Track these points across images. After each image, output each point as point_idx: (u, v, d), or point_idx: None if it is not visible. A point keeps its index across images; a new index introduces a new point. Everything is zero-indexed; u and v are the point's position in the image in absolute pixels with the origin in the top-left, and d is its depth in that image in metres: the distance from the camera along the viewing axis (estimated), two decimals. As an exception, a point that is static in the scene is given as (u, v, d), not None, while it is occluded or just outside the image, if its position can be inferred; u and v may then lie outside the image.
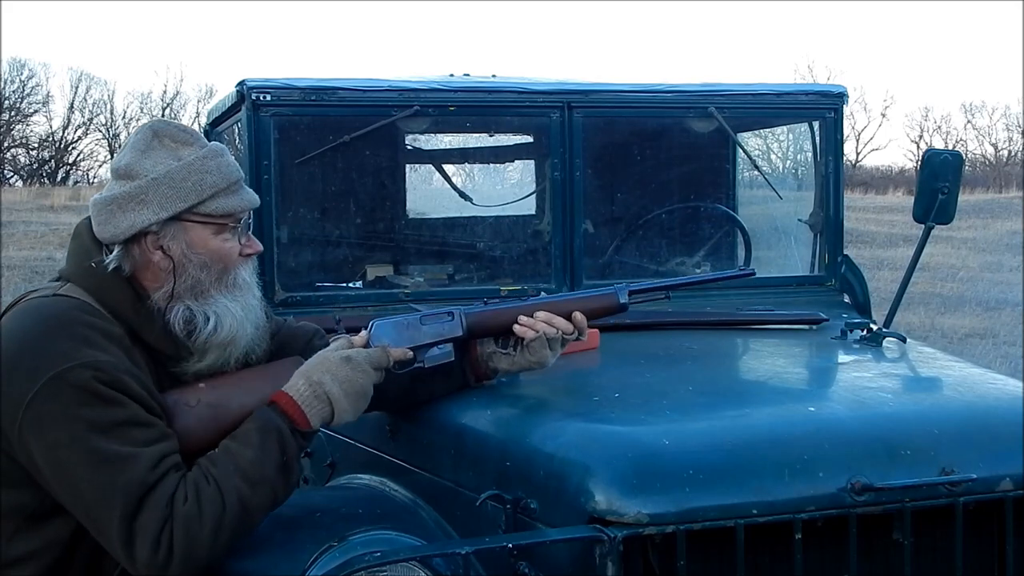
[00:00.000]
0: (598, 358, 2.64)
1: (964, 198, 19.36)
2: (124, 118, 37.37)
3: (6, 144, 36.05)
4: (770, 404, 2.20)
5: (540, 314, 2.21)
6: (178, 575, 1.83)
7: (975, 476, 1.93)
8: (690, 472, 1.83)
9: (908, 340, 2.74)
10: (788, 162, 3.96)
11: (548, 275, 3.22)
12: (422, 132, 3.58)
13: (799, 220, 3.57)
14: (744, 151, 3.64)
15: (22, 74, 36.23)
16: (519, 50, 69.19)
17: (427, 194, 3.98)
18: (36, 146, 37.31)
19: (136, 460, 1.84)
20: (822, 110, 3.46)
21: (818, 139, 3.49)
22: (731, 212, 3.74)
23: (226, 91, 3.42)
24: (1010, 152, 45.27)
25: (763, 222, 3.74)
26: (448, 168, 4.00)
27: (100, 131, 38.02)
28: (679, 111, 3.38)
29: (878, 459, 1.91)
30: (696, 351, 2.72)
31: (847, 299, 3.46)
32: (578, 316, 2.23)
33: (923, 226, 3.28)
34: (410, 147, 3.79)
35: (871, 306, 3.45)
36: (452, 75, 3.53)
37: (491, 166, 4.23)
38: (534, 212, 3.67)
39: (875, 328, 2.74)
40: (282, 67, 53.84)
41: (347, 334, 2.19)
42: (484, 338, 2.25)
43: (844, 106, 3.46)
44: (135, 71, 73.51)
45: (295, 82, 3.05)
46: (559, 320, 2.22)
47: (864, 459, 1.91)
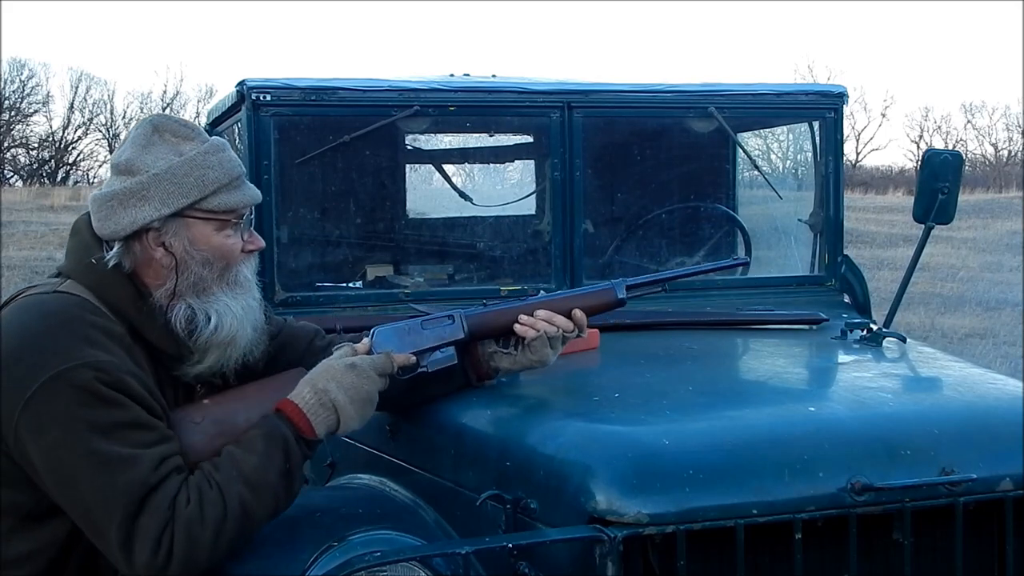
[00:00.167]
0: (598, 358, 2.64)
1: (964, 198, 19.35)
2: (124, 118, 37.33)
3: (6, 144, 36.03)
4: (770, 404, 2.20)
5: (540, 313, 2.21)
6: None
7: (975, 476, 1.93)
8: (690, 472, 1.83)
9: (908, 340, 2.74)
10: (788, 162, 3.96)
11: (548, 275, 3.22)
12: (422, 132, 3.58)
13: (799, 220, 3.57)
14: (744, 151, 3.64)
15: (22, 74, 36.25)
16: (519, 50, 69.22)
17: (427, 194, 3.98)
18: (36, 146, 37.33)
19: (138, 461, 1.82)
20: (822, 110, 3.46)
21: (818, 139, 3.49)
22: (731, 212, 3.74)
23: (226, 91, 3.42)
24: (1010, 152, 45.30)
25: (763, 222, 3.74)
26: (448, 168, 4.00)
27: (100, 131, 38.04)
28: (679, 111, 3.38)
29: (878, 459, 1.91)
30: (696, 351, 2.72)
31: (847, 299, 3.46)
32: (577, 314, 2.23)
33: (923, 226, 3.28)
34: (410, 147, 3.79)
35: (871, 306, 3.45)
36: (452, 75, 3.53)
37: (491, 166, 4.23)
38: (534, 212, 3.67)
39: (875, 328, 2.74)
40: (282, 67, 53.86)
41: (350, 341, 2.19)
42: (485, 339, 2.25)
43: (844, 106, 3.47)
44: (135, 71, 73.57)
45: (295, 82, 3.05)
46: (559, 318, 2.22)
47: (864, 459, 1.91)
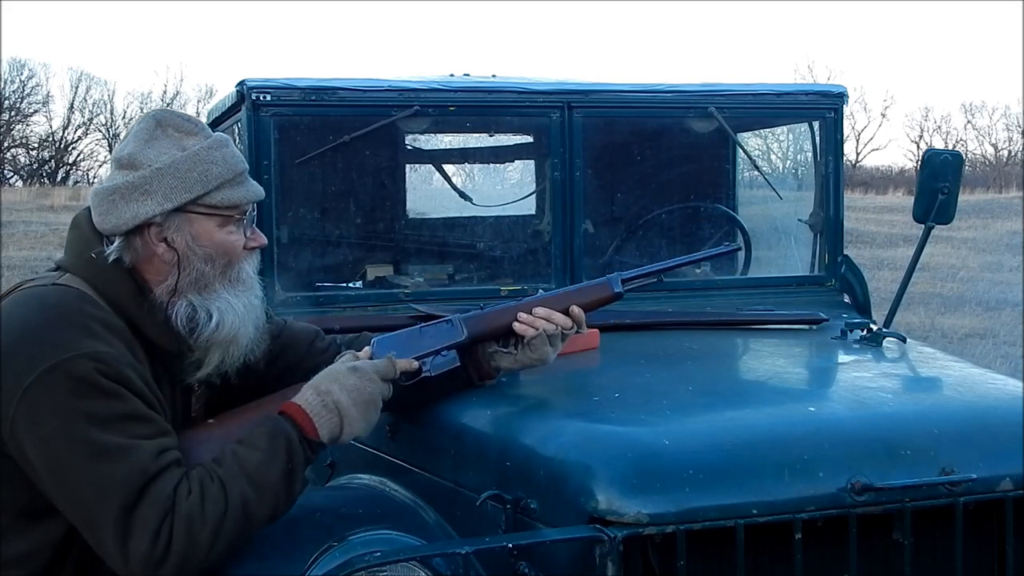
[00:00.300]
0: (598, 358, 2.64)
1: (964, 198, 19.34)
2: (124, 118, 37.30)
3: (6, 144, 36.04)
4: (770, 404, 2.20)
5: (539, 311, 2.21)
6: (170, 574, 1.77)
7: (975, 476, 1.93)
8: (690, 472, 1.83)
9: (908, 340, 2.73)
10: (788, 162, 3.95)
11: (548, 275, 3.22)
12: (422, 132, 3.58)
13: (799, 220, 3.57)
14: (744, 151, 3.64)
15: (22, 74, 36.27)
16: (519, 50, 69.22)
17: (427, 194, 3.98)
18: (36, 146, 37.34)
19: (137, 451, 1.79)
20: (822, 110, 3.46)
21: (818, 139, 3.49)
22: (731, 212, 3.74)
23: (226, 91, 3.42)
24: (1010, 152, 45.30)
25: (763, 222, 3.74)
26: (448, 168, 4.00)
27: (100, 131, 38.05)
28: (679, 111, 3.38)
29: (878, 459, 1.91)
30: (696, 351, 2.72)
31: (847, 299, 3.45)
32: (575, 310, 2.23)
33: (923, 226, 3.28)
34: (410, 147, 3.79)
35: (871, 306, 3.45)
36: (452, 75, 3.53)
37: (491, 166, 4.23)
38: (534, 212, 3.67)
39: (875, 328, 2.74)
40: (282, 67, 53.85)
41: (351, 349, 2.20)
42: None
43: (844, 106, 3.46)
44: (135, 71, 73.64)
45: (295, 82, 3.04)
46: (558, 316, 2.21)
47: (864, 459, 1.90)
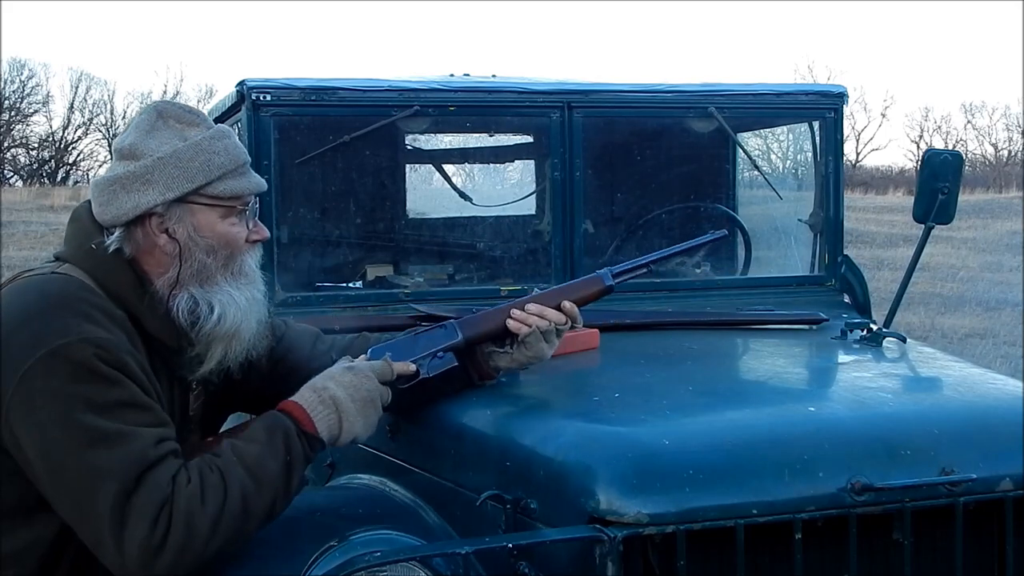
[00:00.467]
0: (598, 358, 2.64)
1: (964, 198, 19.34)
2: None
3: (6, 144, 36.05)
4: (770, 404, 2.20)
5: (531, 307, 2.20)
6: (166, 567, 1.73)
7: (975, 476, 1.93)
8: (690, 472, 1.83)
9: (908, 340, 2.73)
10: (788, 162, 3.95)
11: (548, 275, 3.22)
12: (422, 132, 3.58)
13: (799, 220, 3.56)
14: (744, 151, 3.64)
15: (22, 74, 36.31)
16: (519, 50, 69.21)
17: (427, 194, 3.98)
18: (36, 146, 37.38)
19: (136, 437, 1.75)
20: (822, 110, 3.46)
21: (818, 139, 3.49)
22: (731, 212, 3.74)
23: (226, 91, 3.42)
24: (1010, 152, 45.30)
25: (763, 222, 3.74)
26: (448, 168, 4.00)
27: (100, 131, 38.07)
28: (679, 111, 3.38)
29: (878, 459, 1.91)
30: (696, 351, 2.72)
31: (847, 299, 3.45)
32: (567, 305, 2.22)
33: (923, 226, 3.28)
34: (410, 147, 3.79)
35: (871, 306, 3.45)
36: (452, 75, 3.53)
37: (491, 166, 4.23)
38: (534, 212, 3.67)
39: (875, 328, 2.74)
40: (282, 67, 53.87)
41: (348, 353, 2.20)
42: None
43: (844, 106, 3.46)
44: (135, 71, 73.72)
45: (295, 82, 3.04)
46: (550, 312, 2.21)
47: (864, 459, 1.90)
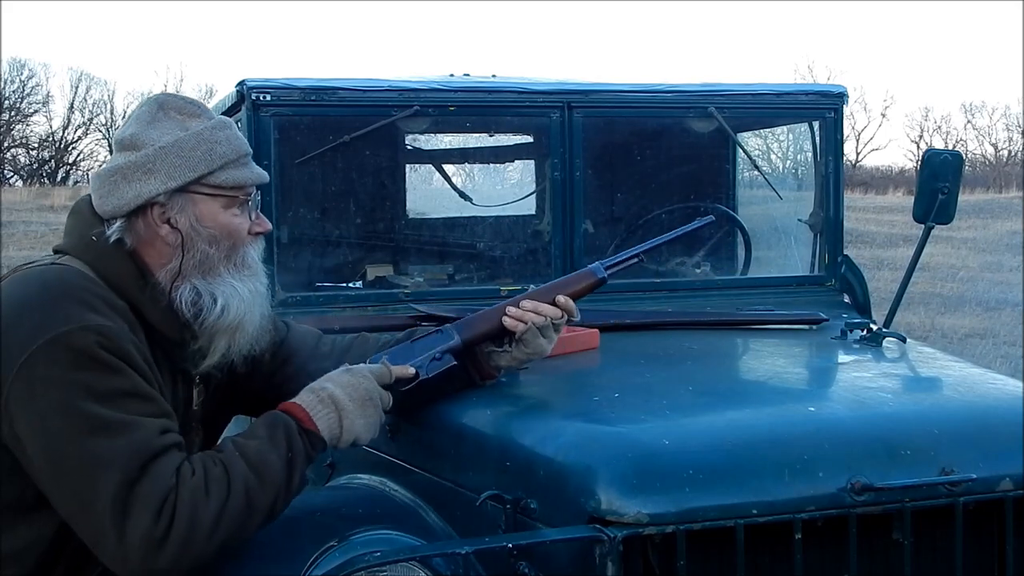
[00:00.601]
0: (598, 358, 2.64)
1: (964, 198, 19.35)
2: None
3: (6, 144, 36.07)
4: (770, 404, 2.19)
5: (526, 304, 2.20)
6: (169, 561, 1.70)
7: (975, 476, 1.93)
8: (690, 472, 1.83)
9: (908, 340, 2.73)
10: (788, 162, 3.96)
11: (548, 275, 3.21)
12: (422, 132, 3.58)
13: (799, 220, 3.57)
14: (744, 151, 3.64)
15: (22, 74, 36.33)
16: (519, 50, 69.22)
17: (427, 194, 3.98)
18: (36, 146, 37.40)
19: (140, 426, 1.73)
20: (822, 110, 3.46)
21: (818, 139, 3.49)
22: (731, 212, 3.74)
23: (226, 91, 3.42)
24: (1010, 152, 45.32)
25: (763, 222, 3.74)
26: (448, 168, 4.00)
27: (100, 131, 38.09)
28: (679, 111, 3.38)
29: (878, 459, 1.91)
30: (696, 351, 2.72)
31: (847, 299, 3.45)
32: (561, 299, 2.22)
33: (923, 226, 3.28)
34: (410, 147, 3.79)
35: (871, 306, 3.45)
36: (452, 75, 3.53)
37: (491, 166, 4.23)
38: (534, 212, 3.67)
39: (875, 328, 2.74)
40: (282, 67, 53.88)
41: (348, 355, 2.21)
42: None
43: (844, 106, 3.46)
44: (135, 71, 73.73)
45: (295, 82, 3.04)
46: (545, 307, 2.20)
47: (864, 459, 1.90)
